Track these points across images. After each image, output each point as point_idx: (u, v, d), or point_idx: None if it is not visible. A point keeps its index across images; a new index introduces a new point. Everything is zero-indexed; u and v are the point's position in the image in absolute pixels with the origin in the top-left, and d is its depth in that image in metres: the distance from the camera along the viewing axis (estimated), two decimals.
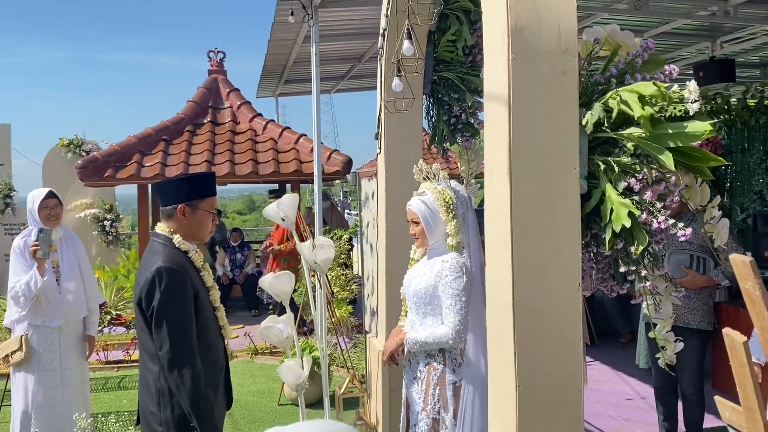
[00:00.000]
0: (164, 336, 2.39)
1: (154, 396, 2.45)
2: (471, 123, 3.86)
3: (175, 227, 2.60)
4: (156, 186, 2.69)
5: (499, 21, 2.11)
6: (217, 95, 9.97)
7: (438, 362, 2.84)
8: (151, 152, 8.86)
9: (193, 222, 2.61)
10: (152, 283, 2.42)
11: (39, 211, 4.02)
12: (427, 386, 2.86)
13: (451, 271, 2.74)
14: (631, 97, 2.03)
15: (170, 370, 2.39)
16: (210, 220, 2.70)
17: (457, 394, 2.80)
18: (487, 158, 2.24)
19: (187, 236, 2.62)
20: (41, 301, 4.03)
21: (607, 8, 7.15)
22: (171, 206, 2.60)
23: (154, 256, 2.50)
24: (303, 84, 11.16)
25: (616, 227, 2.08)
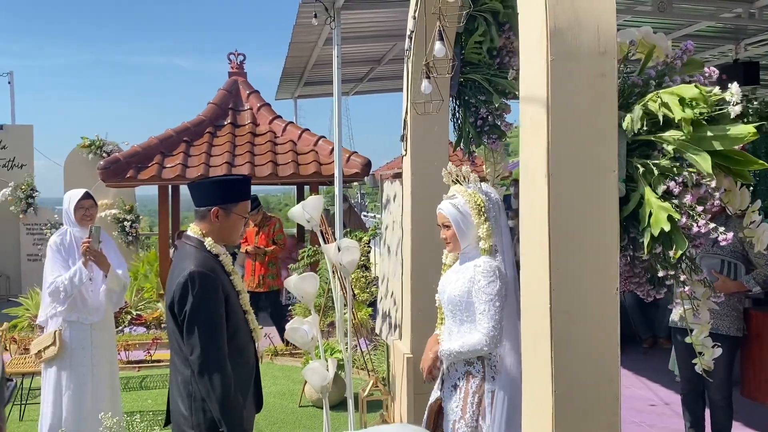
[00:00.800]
0: (195, 341, 2.39)
1: (186, 399, 2.45)
2: (497, 125, 3.83)
3: (207, 229, 2.61)
4: (191, 186, 2.69)
5: (537, 22, 2.09)
6: (237, 97, 10.00)
7: (477, 370, 2.79)
8: (172, 153, 8.90)
9: (225, 225, 2.62)
10: (184, 287, 2.42)
11: (75, 211, 4.13)
12: (466, 394, 2.81)
13: (484, 276, 2.70)
14: (672, 99, 2.00)
15: (200, 375, 2.39)
16: (242, 224, 2.71)
17: (497, 403, 2.75)
18: (524, 160, 2.22)
19: (218, 239, 2.62)
20: (78, 298, 4.15)
21: (630, 10, 7.10)
22: (205, 208, 2.60)
23: (186, 260, 2.50)
24: (322, 86, 11.20)
25: (655, 231, 2.05)
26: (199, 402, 2.43)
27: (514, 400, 2.69)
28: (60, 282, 4.03)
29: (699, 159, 1.95)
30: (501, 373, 2.77)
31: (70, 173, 10.77)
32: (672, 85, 2.15)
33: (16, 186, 10.43)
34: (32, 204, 10.49)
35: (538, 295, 2.12)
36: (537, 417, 2.14)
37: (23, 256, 10.59)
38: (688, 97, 1.95)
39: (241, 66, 10.17)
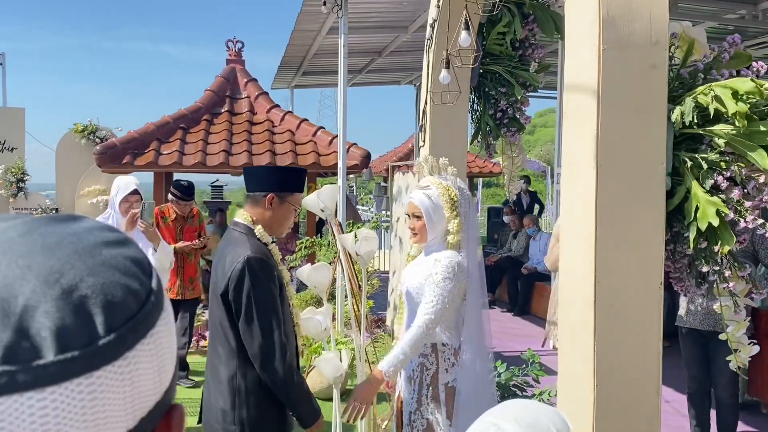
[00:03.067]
0: (256, 330, 2.30)
1: (228, 395, 2.37)
2: (517, 118, 3.81)
3: (258, 216, 2.53)
4: (248, 169, 2.64)
5: (588, 10, 2.05)
6: (234, 85, 9.89)
7: (430, 362, 2.75)
8: (169, 140, 8.79)
9: (278, 214, 2.55)
10: (242, 274, 2.30)
11: (120, 204, 4.08)
12: (420, 386, 2.79)
13: (443, 270, 2.64)
14: (725, 92, 1.98)
15: (266, 363, 2.30)
16: (293, 216, 2.65)
17: (450, 395, 2.71)
18: (567, 151, 2.19)
19: (267, 228, 2.55)
20: None
21: None
22: (260, 193, 2.53)
23: (238, 247, 2.40)
24: (320, 76, 11.12)
25: (702, 225, 2.03)
26: (244, 396, 2.35)
27: (471, 393, 2.66)
28: None
29: (755, 154, 1.92)
30: (458, 366, 2.73)
31: (62, 158, 10.59)
32: (720, 79, 2.12)
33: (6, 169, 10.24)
34: (23, 188, 10.30)
35: (581, 288, 2.09)
36: (576, 411, 2.12)
37: None
38: (744, 91, 1.93)
39: (239, 53, 10.05)
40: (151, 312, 0.49)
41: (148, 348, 0.48)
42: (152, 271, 0.52)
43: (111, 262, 0.49)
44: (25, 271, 0.45)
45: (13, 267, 0.45)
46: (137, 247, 0.53)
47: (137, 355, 0.46)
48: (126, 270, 0.49)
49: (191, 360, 6.35)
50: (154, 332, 0.48)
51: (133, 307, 0.48)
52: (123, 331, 0.46)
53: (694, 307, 4.09)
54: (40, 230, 0.49)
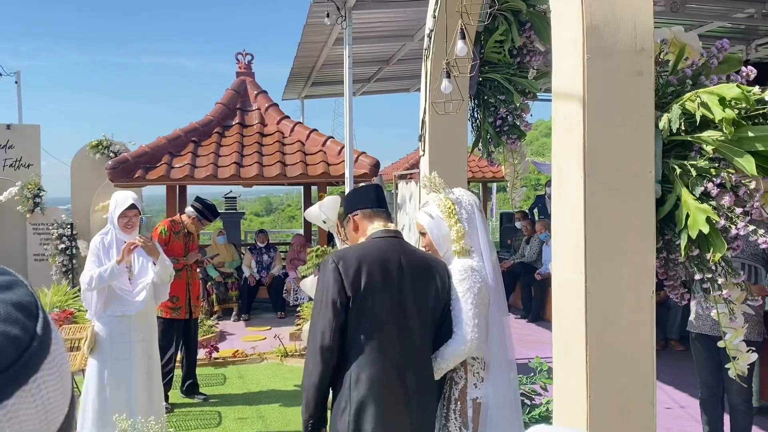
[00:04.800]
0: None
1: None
2: (517, 125, 3.80)
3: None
4: (377, 187, 2.81)
5: (573, 19, 2.05)
6: (245, 97, 9.97)
7: (459, 376, 2.67)
8: (180, 153, 8.87)
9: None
10: (448, 277, 2.61)
11: (119, 218, 4.12)
12: (448, 402, 2.74)
13: (455, 276, 2.62)
14: (711, 99, 1.96)
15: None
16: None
17: (477, 411, 2.62)
18: (556, 160, 2.18)
19: None
20: (116, 297, 4.18)
21: None
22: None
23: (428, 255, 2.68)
24: (330, 86, 11.17)
25: (693, 233, 2.01)
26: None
27: (497, 407, 2.61)
28: (89, 276, 4.08)
29: (742, 160, 1.90)
30: (486, 381, 2.66)
31: (77, 173, 10.74)
32: (709, 85, 2.11)
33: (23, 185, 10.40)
34: (39, 204, 10.45)
35: (573, 298, 2.08)
36: (571, 422, 2.10)
37: (30, 256, 10.55)
38: (730, 97, 1.91)
39: (249, 66, 10.14)
40: (34, 358, 0.49)
41: (30, 395, 0.48)
42: (39, 314, 0.52)
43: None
44: None
45: None
46: (26, 289, 0.53)
47: (16, 402, 0.47)
48: (7, 316, 0.49)
49: (204, 372, 6.36)
50: (37, 377, 0.49)
51: (12, 354, 0.48)
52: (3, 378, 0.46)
53: (703, 313, 4.04)
54: None
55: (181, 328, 5.60)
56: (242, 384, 6.16)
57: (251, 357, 6.94)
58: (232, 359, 6.87)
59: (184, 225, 5.70)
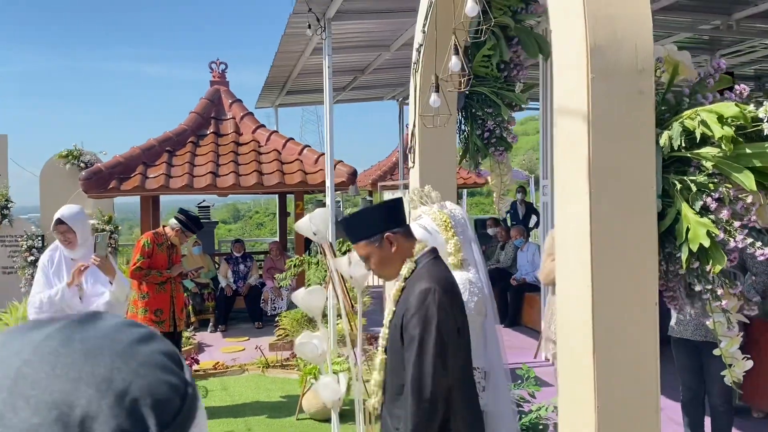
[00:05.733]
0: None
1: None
2: (504, 137, 3.87)
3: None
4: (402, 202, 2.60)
5: (576, 39, 2.11)
6: (219, 106, 9.92)
7: None
8: (155, 164, 8.79)
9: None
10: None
11: (56, 235, 4.09)
12: None
13: (462, 290, 2.57)
14: (710, 117, 2.04)
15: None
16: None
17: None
18: (559, 176, 2.24)
19: None
20: (67, 312, 4.05)
21: None
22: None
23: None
24: (304, 95, 11.17)
25: (693, 246, 2.09)
26: None
27: (501, 416, 2.65)
28: (39, 299, 3.99)
29: (741, 176, 1.98)
30: (487, 389, 2.70)
31: (46, 184, 10.51)
32: (705, 102, 2.19)
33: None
34: (7, 215, 10.20)
35: (579, 310, 2.13)
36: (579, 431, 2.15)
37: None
38: (729, 116, 1.99)
39: (223, 75, 10.09)
40: (193, 403, 0.52)
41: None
42: (182, 362, 0.55)
43: (150, 360, 0.51)
44: (78, 382, 0.47)
45: (65, 379, 0.47)
46: (165, 339, 0.55)
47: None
48: (164, 366, 0.52)
49: None
50: (197, 422, 0.51)
51: (177, 403, 0.50)
52: (174, 428, 0.48)
53: (684, 317, 4.15)
54: (77, 337, 0.51)
55: None
56: (226, 396, 6.11)
57: (232, 368, 6.89)
58: (213, 371, 6.81)
59: (168, 237, 5.65)
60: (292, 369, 6.79)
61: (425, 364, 2.11)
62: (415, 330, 2.15)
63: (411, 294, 2.23)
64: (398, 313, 2.31)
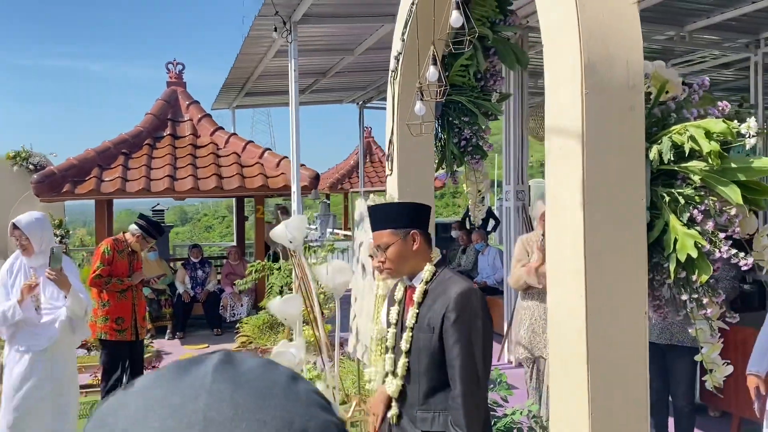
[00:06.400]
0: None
1: None
2: (480, 146, 3.91)
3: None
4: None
5: (570, 55, 2.15)
6: (176, 107, 9.74)
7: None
8: (110, 166, 8.57)
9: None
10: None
11: (13, 239, 4.01)
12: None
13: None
14: (698, 132, 2.11)
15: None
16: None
17: None
18: (551, 190, 2.28)
19: None
20: (22, 330, 3.99)
21: None
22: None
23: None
24: (263, 97, 11.07)
25: (681, 257, 2.16)
26: None
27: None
28: (1, 312, 3.91)
29: (728, 190, 2.06)
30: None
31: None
32: (690, 118, 2.27)
33: None
34: None
35: (572, 319, 2.18)
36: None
37: None
38: (717, 131, 2.07)
39: (180, 75, 9.91)
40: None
41: None
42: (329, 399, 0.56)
43: (311, 400, 0.52)
44: (263, 426, 0.47)
45: (250, 423, 0.47)
46: (305, 378, 0.56)
47: None
48: (324, 406, 0.53)
49: None
50: None
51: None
52: None
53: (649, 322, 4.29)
54: (241, 380, 0.51)
55: (127, 351, 5.39)
56: None
57: None
58: None
59: (128, 243, 5.50)
60: None
61: (477, 359, 2.27)
62: (463, 328, 2.27)
63: (442, 297, 2.31)
64: (426, 315, 2.35)
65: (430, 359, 2.35)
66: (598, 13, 2.16)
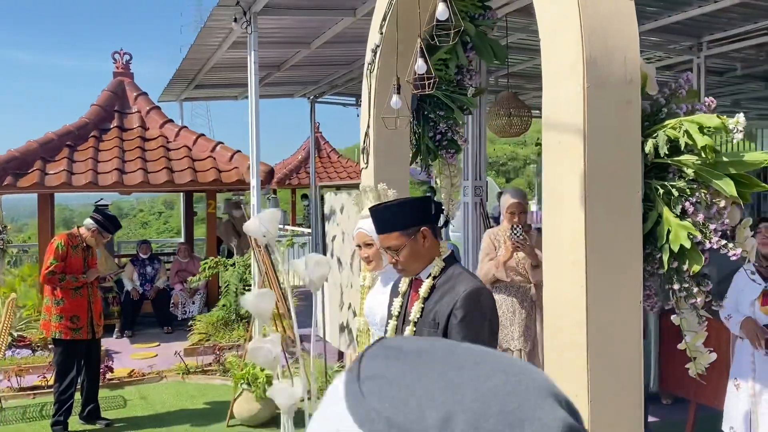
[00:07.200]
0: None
1: None
2: (455, 140, 3.94)
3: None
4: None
5: (571, 50, 2.19)
6: (123, 99, 9.42)
7: None
8: (55, 159, 8.23)
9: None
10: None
11: None
12: None
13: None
14: (692, 127, 2.18)
15: None
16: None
17: None
18: (549, 183, 2.31)
19: None
20: None
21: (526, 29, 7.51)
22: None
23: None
24: (213, 89, 10.83)
25: (675, 248, 2.23)
26: None
27: None
28: None
29: (721, 183, 2.14)
30: None
31: None
32: (679, 113, 2.34)
33: None
34: None
35: (572, 312, 2.21)
36: None
37: None
38: (711, 126, 2.14)
39: (127, 66, 9.60)
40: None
41: None
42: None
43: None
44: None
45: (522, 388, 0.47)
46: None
47: None
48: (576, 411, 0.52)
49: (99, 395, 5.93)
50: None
51: None
52: None
53: None
54: (469, 361, 0.50)
55: (83, 350, 5.18)
56: (146, 405, 5.81)
57: (149, 376, 6.56)
58: (129, 379, 6.46)
59: (83, 238, 5.29)
60: (214, 374, 6.57)
61: None
62: (470, 328, 2.24)
63: (450, 293, 2.29)
64: (432, 310, 2.32)
65: None
66: (598, 8, 2.20)
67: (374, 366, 0.49)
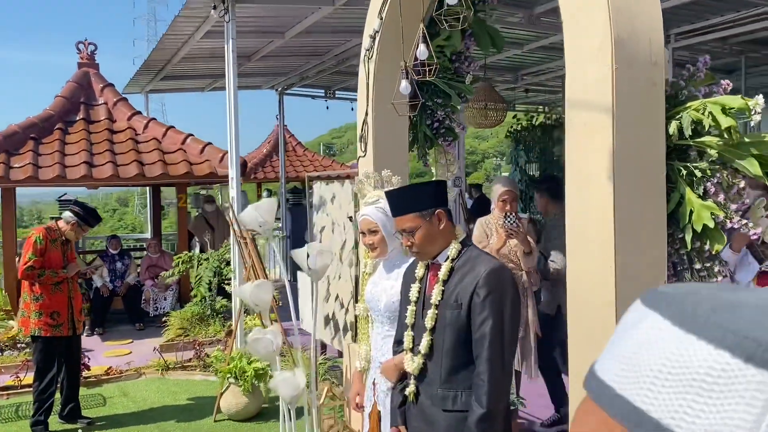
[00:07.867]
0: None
1: None
2: (452, 128, 3.93)
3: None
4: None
5: (599, 31, 2.20)
6: (89, 90, 9.13)
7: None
8: (19, 152, 7.93)
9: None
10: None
11: None
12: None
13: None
14: (715, 108, 2.21)
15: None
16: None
17: None
18: (574, 164, 2.32)
19: None
20: None
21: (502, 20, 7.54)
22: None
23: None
24: (179, 81, 10.59)
25: (697, 227, 2.26)
26: None
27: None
28: None
29: (745, 163, 2.18)
30: None
31: None
32: (698, 95, 2.37)
33: None
34: None
35: (599, 292, 2.23)
36: None
37: None
38: (736, 107, 2.18)
39: (92, 56, 9.31)
40: None
41: None
42: None
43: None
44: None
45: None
46: None
47: None
48: None
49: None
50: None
51: None
52: None
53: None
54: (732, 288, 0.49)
55: (64, 347, 5.01)
56: (129, 402, 5.66)
57: (128, 373, 6.39)
58: (107, 377, 6.28)
59: (62, 232, 5.11)
60: (194, 370, 6.45)
61: (505, 338, 2.22)
62: (493, 306, 2.22)
63: (471, 273, 2.27)
64: (454, 292, 2.30)
65: (455, 336, 2.32)
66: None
67: (691, 300, 0.47)
